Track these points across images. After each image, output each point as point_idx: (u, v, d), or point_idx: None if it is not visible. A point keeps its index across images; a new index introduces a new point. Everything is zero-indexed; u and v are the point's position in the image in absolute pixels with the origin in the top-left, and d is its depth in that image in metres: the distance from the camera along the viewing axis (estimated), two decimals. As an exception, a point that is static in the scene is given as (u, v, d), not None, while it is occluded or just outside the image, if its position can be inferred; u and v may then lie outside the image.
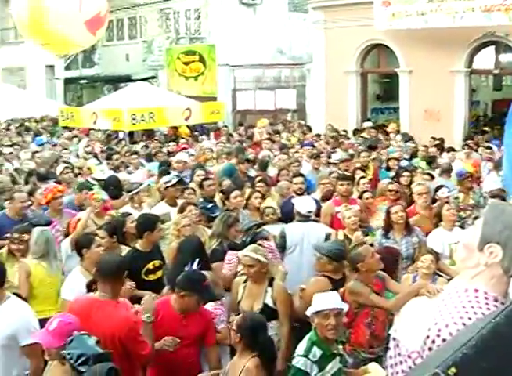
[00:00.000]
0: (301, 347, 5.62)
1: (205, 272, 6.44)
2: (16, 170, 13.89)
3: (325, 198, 10.64)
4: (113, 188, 10.86)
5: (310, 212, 8.93)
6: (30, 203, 10.48)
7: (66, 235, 8.76)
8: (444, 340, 2.73)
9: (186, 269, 6.34)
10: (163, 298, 6.40)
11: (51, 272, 7.71)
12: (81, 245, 7.46)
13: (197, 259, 6.46)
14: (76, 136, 20.73)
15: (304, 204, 9.04)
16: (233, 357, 5.80)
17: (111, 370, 4.57)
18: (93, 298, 5.94)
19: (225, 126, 23.63)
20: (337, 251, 7.05)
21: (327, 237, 8.74)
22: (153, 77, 30.45)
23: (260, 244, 7.41)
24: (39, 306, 7.28)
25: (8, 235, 8.46)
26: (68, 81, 34.66)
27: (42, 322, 5.74)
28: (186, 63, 28.88)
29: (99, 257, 6.76)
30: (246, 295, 6.89)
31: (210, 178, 11.49)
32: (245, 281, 6.99)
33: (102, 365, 4.64)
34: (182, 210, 9.18)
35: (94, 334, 5.06)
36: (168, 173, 12.03)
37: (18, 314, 5.88)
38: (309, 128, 21.79)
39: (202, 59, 28.24)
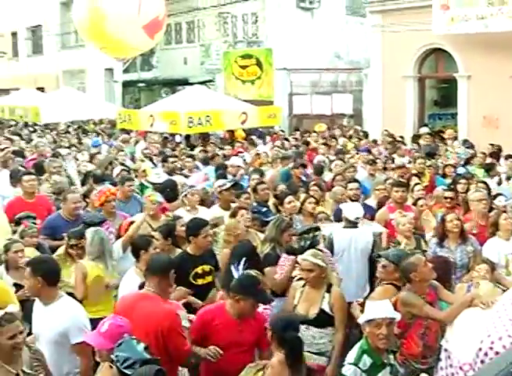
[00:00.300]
0: (352, 355, 5.56)
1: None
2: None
3: (380, 204, 10.56)
4: (170, 191, 10.91)
5: (358, 218, 8.86)
6: (85, 204, 10.67)
7: (118, 237, 8.83)
8: (497, 353, 2.67)
9: (233, 269, 6.37)
10: (218, 304, 6.42)
11: (107, 273, 7.81)
12: (139, 247, 7.53)
13: (243, 259, 6.48)
14: (130, 138, 20.98)
15: (352, 210, 8.98)
16: None
17: (159, 372, 4.60)
18: (139, 293, 6.12)
19: (282, 131, 23.64)
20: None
21: (375, 242, 8.71)
22: (210, 81, 30.57)
23: (319, 249, 7.38)
24: (93, 306, 7.42)
25: (64, 234, 8.65)
26: (126, 84, 35.06)
27: (95, 322, 5.90)
28: (243, 67, 28.94)
29: None
30: (302, 300, 6.87)
31: (265, 183, 11.50)
32: (303, 286, 6.97)
33: (150, 366, 4.69)
34: (233, 214, 9.19)
35: (138, 327, 5.27)
36: (225, 177, 12.09)
37: (70, 312, 6.03)
38: (365, 134, 21.64)
39: (259, 63, 28.27)
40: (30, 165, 14.42)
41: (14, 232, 9.12)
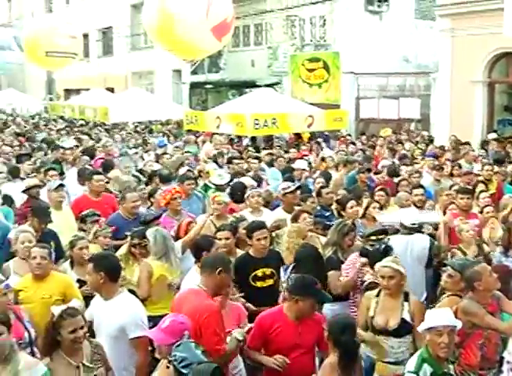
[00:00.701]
0: (412, 363, 5.51)
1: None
2: (139, 171, 14.26)
3: (445, 211, 10.43)
4: (238, 193, 10.96)
5: (414, 224, 8.77)
6: (149, 204, 10.84)
7: (177, 236, 8.93)
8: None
9: (282, 272, 6.44)
10: (275, 308, 6.43)
11: (172, 270, 7.93)
12: (202, 247, 7.54)
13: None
14: (196, 139, 21.17)
15: (408, 216, 8.90)
16: None
17: (216, 370, 4.68)
18: (190, 289, 6.25)
19: (349, 134, 23.52)
20: None
21: (431, 247, 8.62)
22: (277, 84, 30.60)
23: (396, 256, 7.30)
24: (155, 304, 7.58)
25: (126, 234, 8.80)
26: (194, 86, 35.33)
27: (156, 319, 6.11)
28: (310, 70, 28.89)
29: None
30: (379, 310, 6.71)
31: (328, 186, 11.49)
32: (377, 295, 6.83)
33: (209, 364, 4.80)
34: (295, 218, 9.17)
35: None
36: (292, 180, 12.12)
37: (129, 308, 6.20)
38: (430, 139, 21.37)
39: (326, 67, 28.18)
40: (98, 164, 14.69)
41: (80, 229, 9.32)
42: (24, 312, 6.53)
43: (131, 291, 6.96)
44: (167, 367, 4.97)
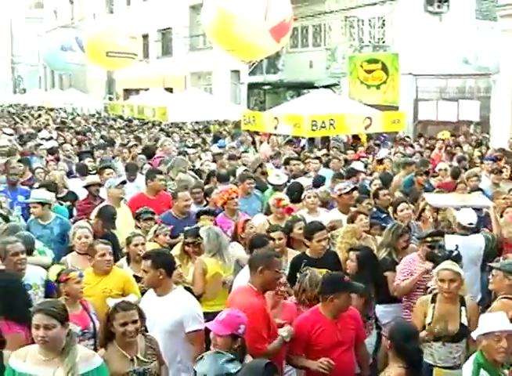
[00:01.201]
0: (468, 369, 5.45)
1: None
2: (196, 171, 14.37)
3: (502, 214, 10.29)
4: (296, 193, 10.98)
5: (471, 224, 8.71)
6: (205, 203, 10.95)
7: (235, 234, 9.04)
8: None
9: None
10: (311, 310, 6.46)
11: (225, 268, 8.04)
12: (255, 245, 7.73)
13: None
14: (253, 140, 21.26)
15: (465, 216, 8.84)
16: None
17: (269, 365, 4.76)
18: (240, 286, 6.43)
19: (407, 136, 23.33)
20: None
21: (487, 246, 8.52)
22: (335, 85, 30.53)
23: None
24: (209, 301, 7.71)
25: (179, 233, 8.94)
26: (252, 86, 35.44)
27: (210, 315, 6.20)
28: (369, 72, 28.75)
29: None
30: (437, 316, 6.63)
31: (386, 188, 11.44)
32: (432, 301, 6.76)
33: (260, 360, 4.91)
34: (352, 219, 9.17)
35: None
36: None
37: (185, 302, 6.37)
38: (479, 143, 21.05)
39: (385, 68, 28.01)
40: (156, 163, 14.88)
41: (136, 226, 9.47)
42: (91, 304, 6.76)
43: (187, 289, 7.08)
44: None
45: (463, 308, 6.64)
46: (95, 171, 13.33)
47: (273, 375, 4.75)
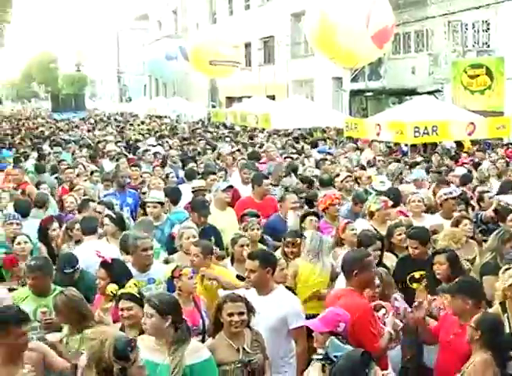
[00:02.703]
0: None
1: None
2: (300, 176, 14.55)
3: None
4: (394, 197, 11.04)
5: None
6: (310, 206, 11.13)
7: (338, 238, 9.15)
8: None
9: None
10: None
11: (322, 271, 8.17)
12: (362, 244, 8.01)
13: None
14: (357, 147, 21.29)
15: None
16: None
17: (365, 354, 4.91)
18: (341, 288, 6.56)
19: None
20: None
21: None
22: (438, 91, 30.19)
23: None
24: (307, 304, 7.77)
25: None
26: (354, 93, 35.35)
27: (309, 318, 6.50)
28: (472, 77, 28.24)
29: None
30: None
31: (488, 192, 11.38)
32: (503, 311, 6.60)
33: (355, 350, 5.10)
34: (456, 223, 9.17)
35: None
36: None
37: (288, 300, 6.60)
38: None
39: (489, 73, 27.46)
40: (261, 168, 15.17)
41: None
42: (203, 302, 7.08)
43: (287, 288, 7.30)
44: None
45: None
46: (200, 177, 13.71)
47: (369, 363, 4.86)
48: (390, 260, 8.41)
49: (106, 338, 4.58)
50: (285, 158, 16.85)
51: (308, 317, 6.59)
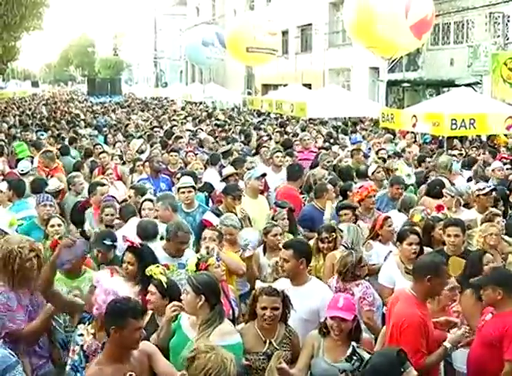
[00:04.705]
0: None
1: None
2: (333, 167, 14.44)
3: None
4: (438, 189, 10.88)
5: None
6: (342, 198, 11.04)
7: (373, 232, 9.01)
8: None
9: None
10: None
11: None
12: (399, 238, 8.06)
13: None
14: (393, 138, 21.11)
15: None
16: None
17: (400, 352, 4.86)
18: (402, 289, 6.28)
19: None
20: None
21: None
22: (476, 83, 29.82)
23: None
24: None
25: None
26: (391, 84, 34.99)
27: None
28: (512, 70, 27.91)
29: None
30: None
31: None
32: None
33: (392, 348, 5.19)
34: (489, 219, 9.02)
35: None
36: (486, 181, 11.94)
37: (321, 292, 6.59)
38: None
39: (530, 66, 27.13)
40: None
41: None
42: (232, 291, 7.10)
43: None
44: None
45: None
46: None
47: (405, 362, 4.77)
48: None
49: None
50: (319, 148, 16.72)
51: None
